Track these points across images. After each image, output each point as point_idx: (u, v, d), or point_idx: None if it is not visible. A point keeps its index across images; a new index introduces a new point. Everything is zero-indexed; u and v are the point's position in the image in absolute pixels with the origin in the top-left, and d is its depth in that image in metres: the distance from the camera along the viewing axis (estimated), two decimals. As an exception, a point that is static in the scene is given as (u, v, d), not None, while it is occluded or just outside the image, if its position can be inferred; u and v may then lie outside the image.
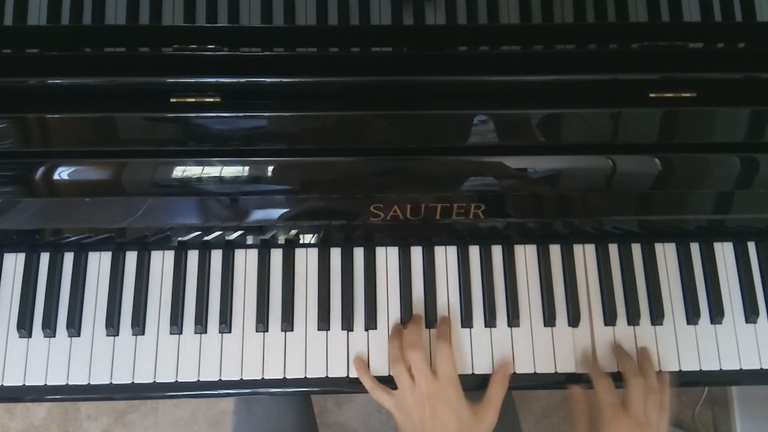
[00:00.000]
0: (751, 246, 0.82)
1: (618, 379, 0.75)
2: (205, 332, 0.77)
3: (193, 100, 0.70)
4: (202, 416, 1.53)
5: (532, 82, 0.72)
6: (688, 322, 0.79)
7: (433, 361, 0.75)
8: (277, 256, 0.80)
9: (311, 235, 0.79)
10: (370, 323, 0.78)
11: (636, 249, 0.81)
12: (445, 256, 0.80)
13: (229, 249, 0.79)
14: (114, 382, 0.75)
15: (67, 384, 0.75)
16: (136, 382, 0.75)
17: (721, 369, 0.78)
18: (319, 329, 0.78)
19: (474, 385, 0.77)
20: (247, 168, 0.71)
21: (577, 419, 0.74)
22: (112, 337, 0.77)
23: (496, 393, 0.73)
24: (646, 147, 0.73)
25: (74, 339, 0.77)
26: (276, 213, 0.76)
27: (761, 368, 0.78)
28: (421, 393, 0.71)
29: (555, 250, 0.81)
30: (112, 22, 0.71)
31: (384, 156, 0.72)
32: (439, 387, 0.71)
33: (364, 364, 0.76)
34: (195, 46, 0.71)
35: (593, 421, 0.73)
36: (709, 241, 0.82)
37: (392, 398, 0.73)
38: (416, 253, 0.80)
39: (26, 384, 0.75)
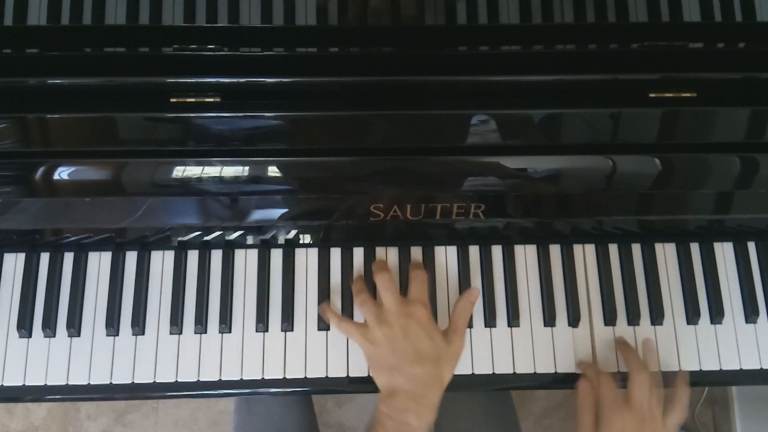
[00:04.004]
0: (751, 246, 0.82)
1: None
2: (205, 332, 0.77)
3: (193, 100, 0.70)
4: (202, 416, 1.53)
5: (532, 82, 0.72)
6: (688, 322, 0.79)
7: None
8: (277, 256, 0.80)
9: (311, 235, 0.79)
10: (370, 323, 0.78)
11: (636, 249, 0.81)
12: (445, 256, 0.80)
13: (229, 249, 0.79)
14: (114, 382, 0.75)
15: (67, 384, 0.75)
16: (136, 382, 0.75)
17: (721, 369, 0.78)
18: (319, 329, 0.78)
19: (474, 385, 0.77)
20: (247, 168, 0.71)
21: (581, 413, 0.73)
22: (112, 337, 0.77)
23: (459, 317, 0.74)
24: (646, 147, 0.73)
25: (74, 339, 0.77)
26: (276, 213, 0.76)
27: (761, 368, 0.78)
28: (390, 312, 0.71)
29: (555, 250, 0.81)
30: (112, 22, 0.71)
31: (384, 156, 0.72)
32: (410, 307, 0.71)
33: (328, 305, 0.77)
34: (195, 46, 0.71)
35: (597, 416, 0.72)
36: (709, 241, 0.82)
37: (359, 329, 0.73)
38: (416, 253, 0.80)
39: (26, 384, 0.75)
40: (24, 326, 0.76)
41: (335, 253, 0.80)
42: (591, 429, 0.72)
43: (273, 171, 0.72)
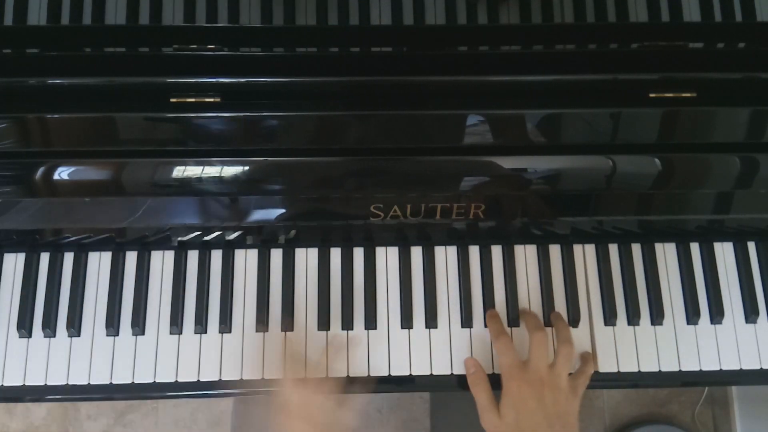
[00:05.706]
0: (751, 246, 0.82)
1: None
2: (205, 332, 0.77)
3: (193, 100, 0.70)
4: (202, 416, 1.53)
5: (532, 82, 0.72)
6: (688, 322, 0.79)
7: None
8: (277, 256, 0.80)
9: (311, 235, 0.79)
10: (370, 323, 0.78)
11: (636, 249, 0.81)
12: (445, 256, 0.80)
13: (229, 249, 0.79)
14: (114, 382, 0.75)
15: (67, 384, 0.75)
16: (136, 382, 0.75)
17: (721, 369, 0.78)
18: (319, 329, 0.78)
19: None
20: (247, 168, 0.71)
21: (475, 389, 0.73)
22: (112, 337, 0.77)
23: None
24: (646, 147, 0.73)
25: (74, 339, 0.76)
26: (276, 213, 0.76)
27: (761, 368, 0.78)
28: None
29: (555, 250, 0.81)
30: (112, 22, 0.71)
31: (384, 156, 0.72)
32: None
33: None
34: (195, 46, 0.71)
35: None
36: (709, 241, 0.82)
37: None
38: (416, 253, 0.80)
39: (26, 384, 0.75)
40: (24, 326, 0.76)
41: (335, 253, 0.80)
42: (489, 403, 0.71)
43: (273, 171, 0.72)
